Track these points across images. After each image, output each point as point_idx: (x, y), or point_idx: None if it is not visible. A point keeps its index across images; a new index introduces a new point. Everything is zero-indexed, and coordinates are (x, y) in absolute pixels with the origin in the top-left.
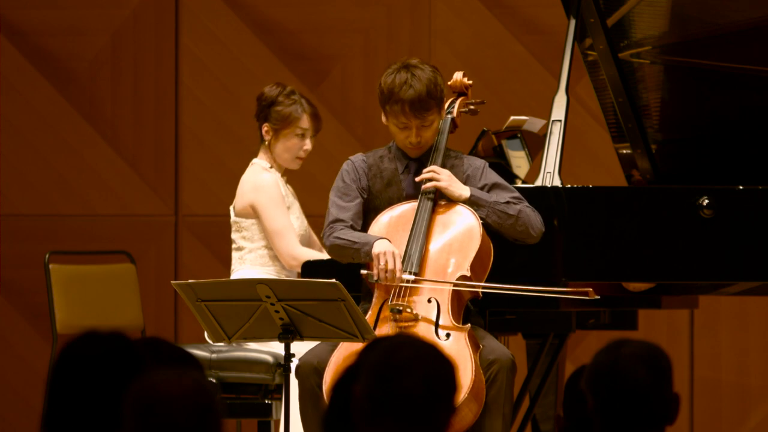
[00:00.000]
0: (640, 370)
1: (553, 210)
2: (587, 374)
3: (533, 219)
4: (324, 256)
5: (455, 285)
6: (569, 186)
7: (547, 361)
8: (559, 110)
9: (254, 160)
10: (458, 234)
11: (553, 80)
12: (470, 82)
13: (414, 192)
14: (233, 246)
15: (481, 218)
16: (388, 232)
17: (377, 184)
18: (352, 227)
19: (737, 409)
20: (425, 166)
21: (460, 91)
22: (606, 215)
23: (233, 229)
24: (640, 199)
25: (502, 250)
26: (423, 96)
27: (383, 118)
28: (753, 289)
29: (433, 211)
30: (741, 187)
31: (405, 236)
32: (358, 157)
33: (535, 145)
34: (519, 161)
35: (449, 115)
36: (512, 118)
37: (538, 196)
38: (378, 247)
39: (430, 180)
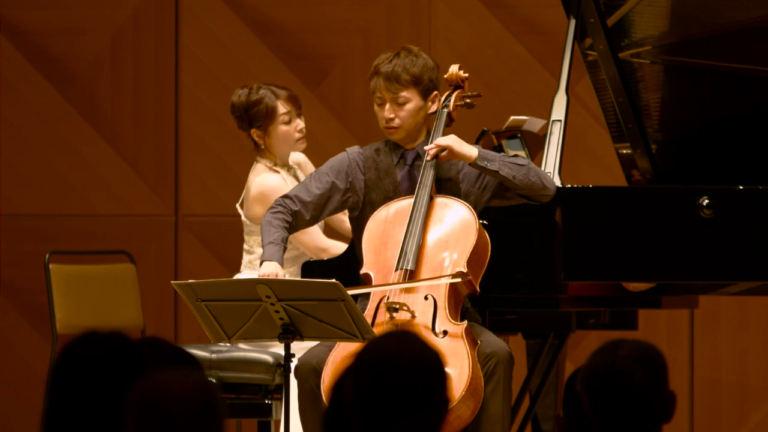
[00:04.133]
0: (637, 371)
1: (553, 210)
2: (584, 376)
3: (542, 172)
4: (341, 247)
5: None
6: (569, 186)
7: (547, 361)
8: (559, 110)
9: (259, 159)
10: (455, 229)
11: (553, 80)
12: (466, 75)
13: (407, 183)
14: (244, 247)
15: (494, 172)
16: (385, 228)
17: (372, 176)
18: (297, 213)
19: (737, 409)
20: (421, 158)
21: (456, 84)
22: (606, 215)
23: (245, 231)
24: (640, 199)
25: (503, 249)
26: (398, 70)
27: None
28: (753, 289)
29: (430, 207)
30: (741, 187)
31: (401, 232)
32: (354, 150)
33: (535, 145)
34: None
35: (445, 109)
36: (512, 118)
37: None
38: (262, 270)
39: (435, 149)
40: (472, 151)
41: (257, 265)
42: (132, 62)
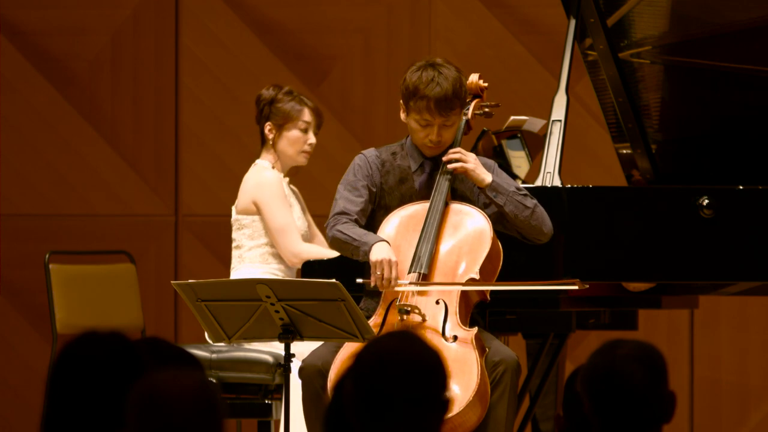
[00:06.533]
0: (637, 372)
1: (553, 210)
2: (583, 377)
3: (546, 217)
4: (325, 253)
5: (448, 284)
6: (569, 186)
7: (547, 361)
8: (559, 110)
9: (257, 161)
10: (469, 236)
11: (553, 80)
12: (486, 84)
13: (426, 191)
14: (233, 244)
15: (499, 206)
16: (399, 231)
17: (389, 180)
18: (357, 222)
19: (737, 409)
20: (439, 167)
21: (475, 93)
22: (606, 215)
23: (234, 227)
24: (640, 199)
25: (503, 249)
26: (449, 95)
27: (402, 115)
28: (753, 289)
29: (445, 212)
30: (741, 187)
31: (415, 236)
32: (371, 152)
33: (535, 145)
34: (519, 161)
35: (464, 117)
36: (512, 118)
37: (538, 196)
38: (375, 254)
39: (456, 161)
40: (486, 178)
41: (247, 257)
42: (132, 62)
